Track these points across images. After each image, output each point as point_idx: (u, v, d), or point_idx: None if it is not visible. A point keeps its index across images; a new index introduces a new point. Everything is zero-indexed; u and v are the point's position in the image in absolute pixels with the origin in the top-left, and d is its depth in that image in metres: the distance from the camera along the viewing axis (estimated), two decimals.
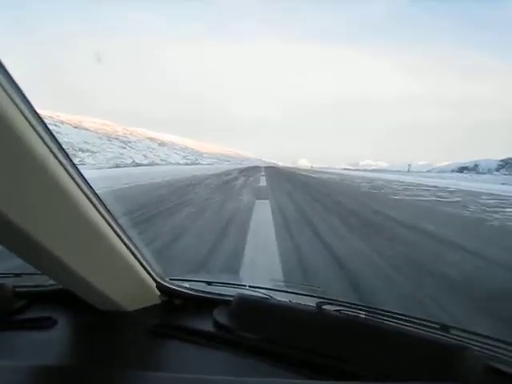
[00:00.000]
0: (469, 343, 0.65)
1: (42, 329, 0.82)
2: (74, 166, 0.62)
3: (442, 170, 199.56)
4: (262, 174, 34.13)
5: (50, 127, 0.57)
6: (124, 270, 0.75)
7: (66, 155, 0.61)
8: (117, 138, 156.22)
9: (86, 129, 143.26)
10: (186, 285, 0.91)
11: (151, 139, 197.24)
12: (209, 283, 0.93)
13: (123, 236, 0.74)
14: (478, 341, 0.67)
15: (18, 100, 0.52)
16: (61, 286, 0.82)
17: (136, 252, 0.77)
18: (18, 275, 0.95)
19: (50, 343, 0.78)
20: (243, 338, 0.73)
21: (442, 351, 0.60)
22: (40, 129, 0.56)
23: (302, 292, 0.89)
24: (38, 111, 0.58)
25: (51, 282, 0.85)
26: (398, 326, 0.67)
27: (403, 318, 0.70)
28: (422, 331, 0.67)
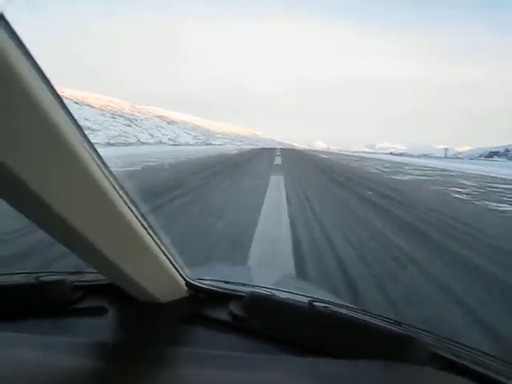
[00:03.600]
0: (417, 335, 0.86)
1: (95, 316, 1.03)
2: (104, 164, 0.67)
3: (468, 156, 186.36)
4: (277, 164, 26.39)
5: None
6: (159, 268, 0.94)
7: (96, 151, 0.65)
8: (122, 116, 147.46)
9: (90, 105, 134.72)
10: (208, 282, 1.13)
11: (160, 117, 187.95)
12: (226, 282, 1.17)
13: (158, 240, 0.89)
14: (424, 334, 0.90)
15: (43, 83, 0.53)
16: (111, 281, 0.99)
17: (168, 255, 0.96)
18: (75, 273, 1.16)
19: (102, 327, 1.00)
20: (252, 325, 0.96)
21: (395, 339, 0.81)
22: (67, 116, 0.58)
23: (298, 292, 1.15)
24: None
25: (103, 277, 1.03)
26: (366, 319, 0.91)
27: (369, 314, 0.96)
28: (382, 324, 0.90)
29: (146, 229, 0.82)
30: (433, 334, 0.91)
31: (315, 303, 0.93)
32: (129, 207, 0.74)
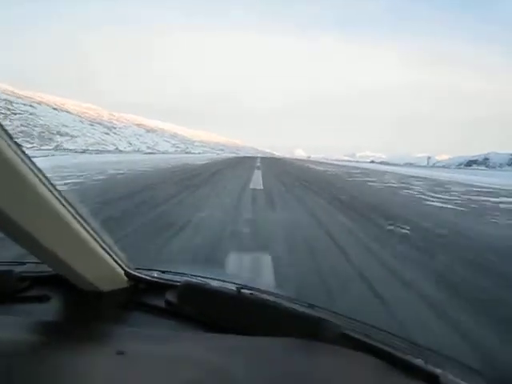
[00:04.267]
0: (329, 317, 0.94)
1: (40, 303, 1.10)
2: (40, 171, 0.80)
3: (447, 164, 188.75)
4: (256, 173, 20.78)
5: (24, 107, 1.27)
6: (98, 259, 1.03)
7: (21, 150, 0.75)
8: (100, 123, 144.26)
9: (68, 111, 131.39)
10: (146, 273, 1.19)
11: (139, 125, 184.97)
12: (163, 272, 1.24)
13: (95, 234, 0.99)
14: (335, 317, 0.97)
15: None
16: (55, 272, 1.07)
17: (107, 247, 1.05)
18: (23, 263, 1.21)
19: (45, 312, 1.06)
20: (185, 310, 1.04)
21: (309, 321, 0.91)
22: None
23: (228, 280, 1.21)
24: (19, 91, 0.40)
25: (49, 268, 1.08)
26: (285, 303, 1.00)
27: (288, 299, 1.05)
28: (298, 308, 0.99)
29: (82, 224, 0.94)
30: (344, 316, 0.99)
31: (242, 290, 1.02)
32: (64, 205, 0.86)
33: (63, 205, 0.87)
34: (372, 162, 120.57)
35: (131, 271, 1.15)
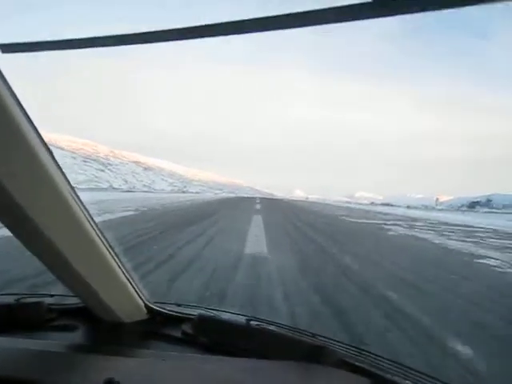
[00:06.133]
0: (329, 345, 1.05)
1: (66, 332, 1.19)
2: (81, 201, 0.89)
3: (450, 205, 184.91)
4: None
5: None
6: (122, 294, 1.13)
7: (67, 180, 0.84)
8: (96, 160, 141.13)
9: (61, 147, 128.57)
10: (164, 306, 1.30)
11: (136, 163, 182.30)
12: (178, 305, 1.36)
13: (123, 269, 1.09)
14: (334, 344, 1.09)
15: (23, 119, 0.69)
16: (82, 305, 1.19)
17: (131, 280, 1.15)
18: (52, 295, 1.33)
19: (70, 341, 1.14)
20: (199, 340, 1.14)
21: (310, 348, 1.02)
22: (46, 153, 0.76)
23: (238, 312, 1.34)
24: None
25: (76, 301, 1.22)
26: (289, 333, 1.12)
27: (292, 329, 1.16)
28: (301, 337, 1.10)
29: (113, 257, 1.03)
30: (342, 343, 1.10)
31: (251, 322, 1.15)
32: (101, 240, 0.95)
33: (99, 237, 0.94)
34: (372, 203, 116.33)
35: (150, 304, 1.26)
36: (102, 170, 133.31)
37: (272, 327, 1.17)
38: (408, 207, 78.22)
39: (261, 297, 4.74)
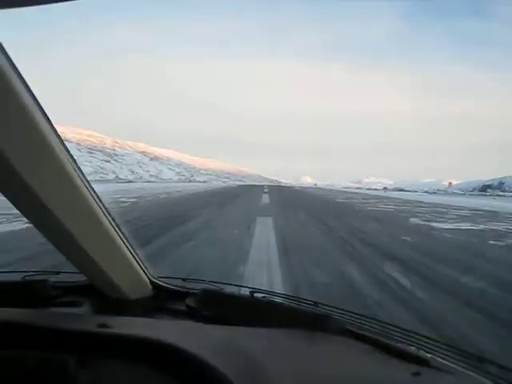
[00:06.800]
0: (331, 313, 1.04)
1: (71, 307, 1.18)
2: (88, 182, 0.91)
3: (461, 189, 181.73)
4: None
5: None
6: (127, 270, 1.13)
7: (80, 169, 0.87)
8: (101, 151, 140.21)
9: (67, 140, 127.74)
10: (168, 281, 1.30)
11: (143, 153, 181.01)
12: (183, 279, 1.36)
13: (128, 245, 1.10)
14: (337, 312, 1.07)
15: (39, 114, 0.74)
16: (88, 282, 1.18)
17: (136, 257, 1.15)
18: (57, 273, 1.32)
19: (76, 317, 1.10)
20: (205, 313, 1.12)
21: (312, 318, 1.00)
22: (59, 144, 0.80)
23: (241, 284, 1.36)
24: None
25: (80, 278, 1.20)
26: (293, 303, 1.14)
27: (295, 298, 1.17)
28: (304, 306, 1.12)
29: (119, 236, 1.04)
30: (344, 311, 1.09)
31: (255, 294, 1.15)
32: (107, 218, 0.98)
33: (105, 214, 0.96)
34: (384, 189, 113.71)
35: (155, 280, 1.25)
36: (108, 161, 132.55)
37: (276, 298, 1.17)
38: (427, 192, 75.69)
39: None
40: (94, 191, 0.93)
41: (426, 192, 76.32)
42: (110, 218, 0.99)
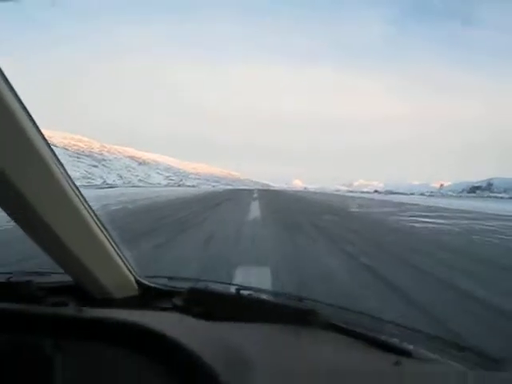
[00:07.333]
0: (316, 308, 1.04)
1: (55, 308, 1.13)
2: (74, 184, 0.91)
3: (450, 190, 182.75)
4: None
5: None
6: (113, 269, 1.13)
7: (66, 172, 0.88)
8: (89, 156, 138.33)
9: (53, 144, 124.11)
10: (155, 280, 1.28)
11: (131, 157, 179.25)
12: (170, 278, 1.34)
13: (114, 244, 1.09)
14: (322, 306, 1.09)
15: (24, 117, 0.75)
16: (73, 283, 1.16)
17: (123, 257, 1.14)
18: (43, 274, 1.29)
19: (60, 317, 1.07)
20: (192, 311, 1.09)
21: (298, 313, 1.01)
22: (43, 142, 0.80)
23: (228, 282, 1.37)
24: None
25: (66, 279, 1.17)
26: (278, 300, 1.17)
27: (281, 294, 1.22)
28: (289, 301, 1.15)
29: (105, 236, 1.04)
30: (330, 305, 1.13)
31: (241, 291, 1.16)
32: (93, 219, 0.98)
33: (89, 213, 0.96)
34: (376, 191, 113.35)
35: (141, 279, 1.24)
36: (96, 166, 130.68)
37: (262, 294, 1.18)
38: (423, 195, 75.22)
39: None
40: (80, 192, 0.93)
41: (422, 194, 75.96)
42: (95, 219, 0.99)
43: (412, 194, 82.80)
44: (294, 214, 16.42)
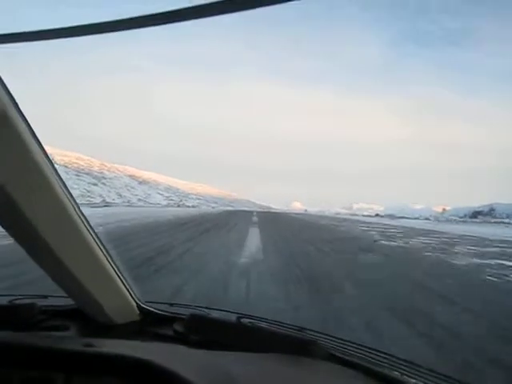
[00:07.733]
0: (317, 339, 1.06)
1: (57, 332, 1.17)
2: (78, 206, 0.92)
3: (451, 215, 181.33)
4: None
5: None
6: (115, 294, 1.13)
7: (71, 196, 0.89)
8: (89, 174, 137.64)
9: (54, 162, 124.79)
10: (156, 306, 1.30)
11: (131, 176, 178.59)
12: (171, 305, 1.37)
13: (116, 269, 1.10)
14: (322, 337, 1.11)
15: (31, 138, 0.74)
16: (76, 306, 1.18)
17: (125, 282, 1.16)
18: (45, 297, 1.33)
19: (62, 341, 1.07)
20: (192, 338, 1.13)
21: (298, 344, 1.02)
22: (52, 171, 0.81)
23: (229, 310, 1.36)
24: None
25: (68, 303, 1.19)
26: (279, 329, 1.16)
27: (281, 324, 1.18)
28: (290, 332, 1.14)
29: (108, 260, 1.04)
30: (331, 337, 1.13)
31: (242, 319, 1.17)
32: (96, 242, 0.98)
33: (93, 238, 0.97)
34: (377, 215, 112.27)
35: (142, 304, 1.26)
36: (95, 184, 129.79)
37: (262, 324, 1.18)
38: (427, 219, 73.82)
39: None
40: (84, 215, 0.93)
41: (426, 219, 74.43)
42: (98, 243, 0.99)
43: (416, 218, 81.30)
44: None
